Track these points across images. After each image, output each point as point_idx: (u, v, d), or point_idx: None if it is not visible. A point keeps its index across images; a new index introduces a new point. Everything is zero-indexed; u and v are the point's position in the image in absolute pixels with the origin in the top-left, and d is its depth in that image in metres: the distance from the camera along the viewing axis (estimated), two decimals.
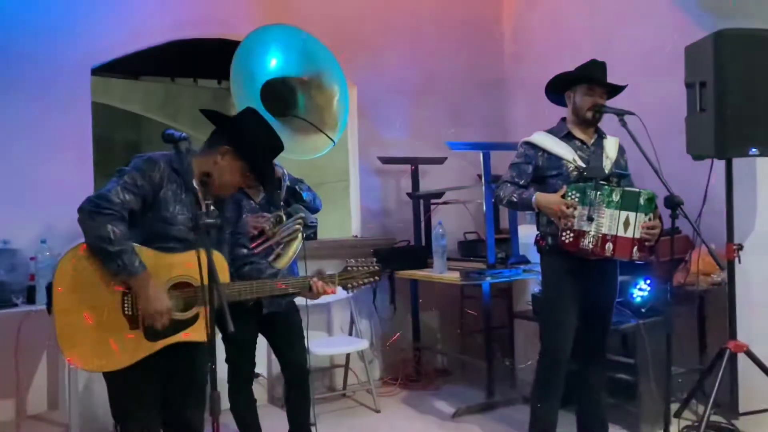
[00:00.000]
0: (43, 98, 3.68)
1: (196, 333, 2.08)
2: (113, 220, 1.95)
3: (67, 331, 2.00)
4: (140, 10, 4.01)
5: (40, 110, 3.67)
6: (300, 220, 2.95)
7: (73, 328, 2.00)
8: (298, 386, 3.12)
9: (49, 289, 2.05)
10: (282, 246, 2.91)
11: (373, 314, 4.58)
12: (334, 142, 3.10)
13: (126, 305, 2.02)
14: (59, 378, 3.62)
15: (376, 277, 2.42)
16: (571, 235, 2.71)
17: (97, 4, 3.87)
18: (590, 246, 2.68)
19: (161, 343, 2.03)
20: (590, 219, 2.68)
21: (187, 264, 2.04)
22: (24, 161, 3.56)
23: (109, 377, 2.09)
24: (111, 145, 7.31)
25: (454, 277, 3.95)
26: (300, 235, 2.92)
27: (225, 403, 3.81)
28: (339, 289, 2.38)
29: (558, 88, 2.98)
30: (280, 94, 3.11)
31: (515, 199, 2.86)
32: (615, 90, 2.95)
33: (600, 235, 2.68)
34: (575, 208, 2.70)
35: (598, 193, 2.68)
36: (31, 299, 3.31)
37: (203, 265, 1.79)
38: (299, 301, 2.97)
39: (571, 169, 2.85)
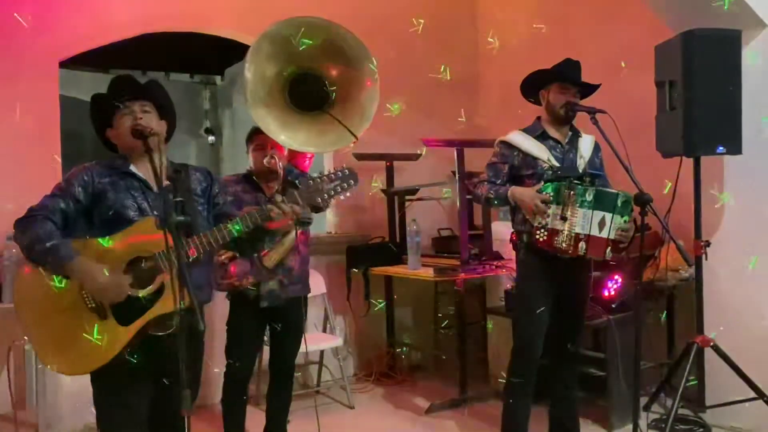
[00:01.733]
0: (9, 91, 3.60)
1: (168, 303, 1.99)
2: (37, 223, 1.98)
3: (45, 345, 2.00)
4: (110, 3, 3.94)
5: (6, 103, 3.58)
6: None
7: (48, 341, 1.99)
8: (282, 384, 3.12)
9: None
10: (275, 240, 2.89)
11: (348, 311, 4.58)
12: (356, 137, 3.03)
13: (87, 299, 2.00)
14: (27, 377, 3.54)
15: (351, 182, 2.07)
16: (545, 233, 2.74)
17: None
18: (563, 245, 2.71)
19: (137, 324, 1.99)
20: (563, 218, 2.71)
21: (132, 239, 2.02)
22: None
23: (97, 390, 2.08)
24: (80, 138, 7.16)
25: (428, 273, 3.97)
26: (294, 230, 2.87)
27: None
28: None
29: (533, 87, 3.01)
30: (311, 88, 3.05)
31: (492, 195, 2.88)
32: (589, 89, 2.98)
33: (573, 234, 2.71)
34: (549, 205, 2.73)
35: (572, 192, 2.72)
36: None
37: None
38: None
39: (545, 168, 2.88)
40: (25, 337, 2.05)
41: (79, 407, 2.16)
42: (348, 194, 2.09)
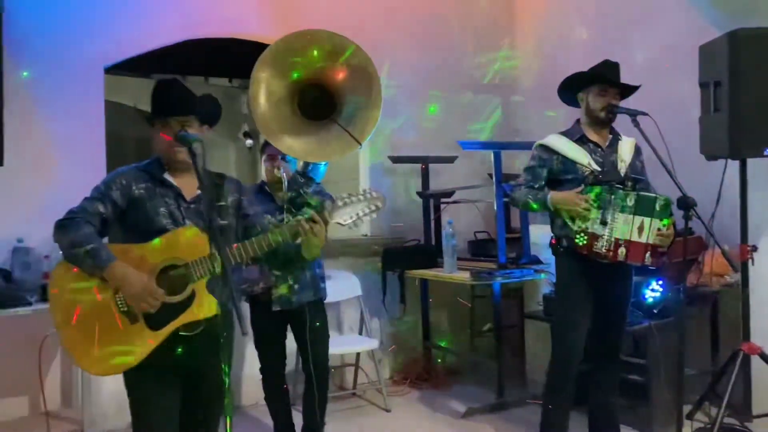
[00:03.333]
0: (57, 97, 3.72)
1: (199, 309, 2.06)
2: (77, 225, 2.03)
3: (76, 344, 2.04)
4: (153, 11, 4.03)
5: (54, 109, 3.71)
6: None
7: (79, 341, 2.03)
8: (314, 384, 3.16)
9: None
10: None
11: (383, 313, 4.59)
12: (360, 144, 3.09)
13: (119, 303, 2.04)
14: (72, 375, 3.66)
15: (378, 204, 2.17)
16: (585, 238, 2.71)
17: (112, 4, 3.90)
18: (603, 250, 2.69)
19: (167, 330, 2.03)
20: (604, 223, 2.68)
21: (168, 248, 2.06)
22: (38, 160, 3.61)
23: (131, 393, 2.11)
24: (122, 142, 7.35)
25: (464, 276, 3.95)
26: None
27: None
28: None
29: (571, 89, 2.98)
30: (320, 98, 3.13)
31: (530, 200, 2.86)
32: (628, 90, 2.94)
33: (613, 239, 2.68)
34: (590, 209, 2.70)
35: (613, 197, 2.68)
36: (45, 297, 3.32)
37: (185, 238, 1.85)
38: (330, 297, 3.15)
39: (586, 173, 2.84)
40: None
41: (122, 406, 2.20)
42: (374, 215, 2.19)
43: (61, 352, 3.60)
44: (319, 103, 3.14)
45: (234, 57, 3.87)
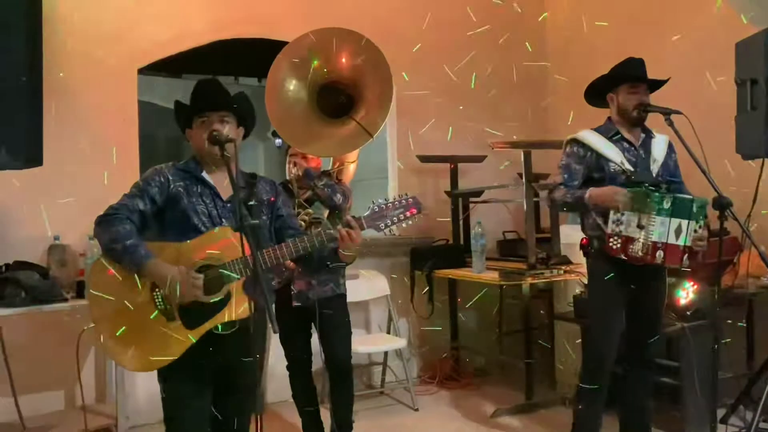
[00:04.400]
0: (93, 98, 3.81)
1: (234, 310, 2.08)
2: (118, 222, 2.06)
3: (113, 342, 2.08)
4: (183, 12, 4.11)
5: (89, 109, 3.80)
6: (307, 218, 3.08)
7: (117, 338, 2.07)
8: (339, 383, 3.19)
9: None
10: None
11: (411, 313, 4.61)
12: (372, 137, 3.13)
13: (157, 300, 2.08)
14: (106, 371, 3.75)
15: (414, 210, 2.17)
16: (619, 241, 2.69)
17: (144, 7, 3.99)
18: (639, 253, 2.66)
19: (202, 329, 2.07)
20: (640, 226, 2.65)
21: (205, 247, 2.08)
22: (74, 159, 3.69)
23: (165, 390, 2.15)
24: (154, 141, 7.48)
25: (493, 277, 3.95)
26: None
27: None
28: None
29: (599, 92, 2.95)
30: (336, 96, 3.19)
31: (569, 200, 2.81)
32: (656, 85, 2.90)
33: (650, 243, 2.65)
34: (631, 205, 2.66)
35: (648, 200, 2.65)
36: (80, 294, 3.42)
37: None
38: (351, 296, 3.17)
39: (618, 172, 2.81)
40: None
41: (156, 401, 2.25)
42: (410, 222, 2.18)
43: (96, 347, 3.69)
44: (335, 102, 3.20)
45: (264, 57, 3.93)
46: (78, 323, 3.27)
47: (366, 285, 4.28)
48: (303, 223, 2.07)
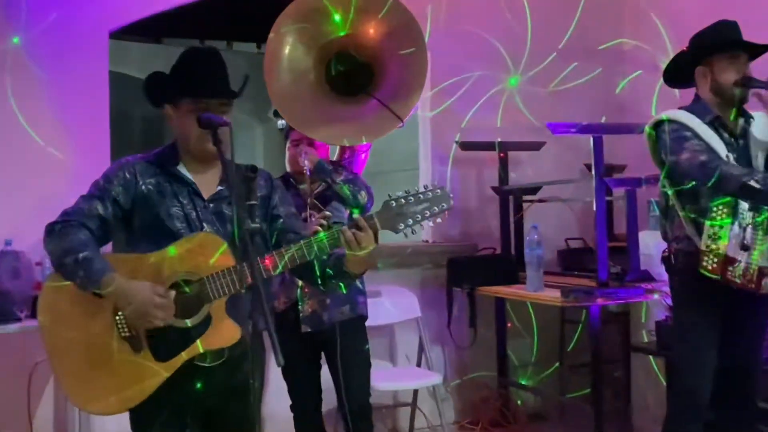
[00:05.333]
0: (53, 68, 3.86)
1: (215, 338, 2.08)
2: (70, 230, 2.07)
3: (69, 377, 2.11)
4: None
5: (50, 83, 3.86)
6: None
7: (73, 372, 2.10)
8: (356, 429, 3.19)
9: None
10: None
11: (448, 340, 4.61)
12: (402, 122, 3.15)
13: (120, 326, 2.08)
14: (68, 410, 3.78)
15: (443, 205, 2.11)
16: (714, 260, 2.68)
17: None
18: (740, 279, 2.65)
19: (177, 361, 2.07)
20: (744, 247, 2.63)
21: (181, 258, 2.08)
22: (30, 144, 3.74)
23: None
24: (128, 121, 7.59)
25: (553, 296, 3.93)
26: None
27: None
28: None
29: (684, 67, 2.94)
30: (352, 67, 3.22)
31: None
32: (757, 52, 2.88)
33: (755, 268, 2.64)
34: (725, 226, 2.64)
35: (755, 214, 2.64)
36: (36, 312, 3.46)
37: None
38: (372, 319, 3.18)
39: None
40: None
41: None
42: (438, 220, 2.13)
43: (54, 380, 3.73)
44: (351, 75, 3.22)
45: (263, 17, 3.92)
46: (32, 349, 3.31)
47: (391, 305, 4.29)
48: (321, 229, 2.04)
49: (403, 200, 2.11)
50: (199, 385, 2.10)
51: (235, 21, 6.07)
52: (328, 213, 3.11)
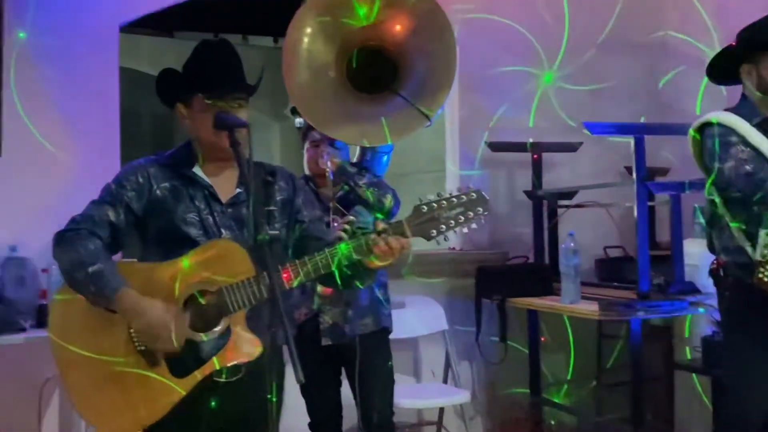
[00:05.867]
0: (62, 65, 3.91)
1: (235, 352, 2.09)
2: (79, 240, 2.08)
3: (82, 394, 2.13)
4: None
5: (58, 80, 3.90)
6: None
7: (86, 388, 2.11)
8: None
9: None
10: None
11: (476, 355, 4.59)
12: (430, 121, 3.15)
13: (135, 340, 2.10)
14: (75, 426, 3.82)
15: (479, 209, 2.09)
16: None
17: None
18: None
19: (194, 378, 2.08)
20: None
21: (198, 267, 2.09)
22: (38, 145, 3.78)
23: None
24: (137, 119, 7.64)
25: (590, 309, 3.90)
26: None
27: None
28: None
29: (730, 65, 2.92)
30: (376, 63, 3.22)
31: None
32: None
33: None
34: None
35: None
36: (42, 322, 3.49)
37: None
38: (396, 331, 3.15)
39: None
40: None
41: None
42: (474, 226, 2.11)
43: (61, 394, 3.76)
44: (374, 70, 3.22)
45: (281, 10, 3.96)
46: (38, 361, 3.35)
47: (415, 316, 4.29)
48: (344, 235, 2.03)
49: (435, 204, 2.09)
50: (214, 402, 2.12)
51: (250, 13, 6.10)
52: (351, 218, 3.10)
